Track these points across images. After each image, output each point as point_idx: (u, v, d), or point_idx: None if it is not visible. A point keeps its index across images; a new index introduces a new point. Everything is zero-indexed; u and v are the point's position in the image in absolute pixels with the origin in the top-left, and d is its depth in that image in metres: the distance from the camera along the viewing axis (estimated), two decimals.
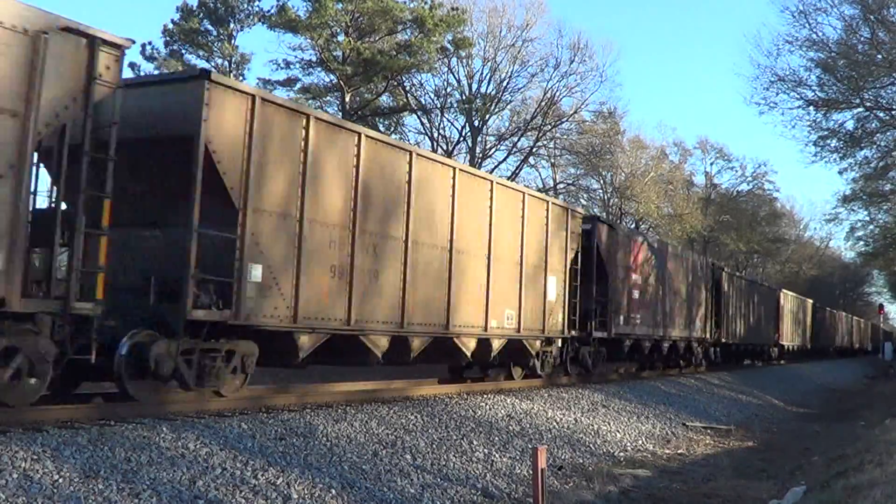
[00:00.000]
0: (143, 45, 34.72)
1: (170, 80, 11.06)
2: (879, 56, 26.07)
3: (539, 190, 44.07)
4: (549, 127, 41.89)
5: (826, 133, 29.97)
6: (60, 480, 6.46)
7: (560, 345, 17.52)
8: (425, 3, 33.22)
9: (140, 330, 8.84)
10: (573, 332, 17.79)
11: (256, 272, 9.71)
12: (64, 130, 7.80)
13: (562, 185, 47.73)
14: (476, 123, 40.52)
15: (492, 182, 15.00)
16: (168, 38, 34.85)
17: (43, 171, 8.22)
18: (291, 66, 35.65)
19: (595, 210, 48.60)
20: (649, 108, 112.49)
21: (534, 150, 43.05)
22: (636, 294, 21.37)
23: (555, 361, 17.45)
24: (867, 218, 44.70)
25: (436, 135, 40.97)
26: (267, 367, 11.30)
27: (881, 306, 74.32)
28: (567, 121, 42.72)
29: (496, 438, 11.36)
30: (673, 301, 24.57)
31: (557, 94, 40.92)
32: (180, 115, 9.09)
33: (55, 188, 8.00)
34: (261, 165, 9.78)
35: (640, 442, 14.20)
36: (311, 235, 10.55)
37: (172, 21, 34.80)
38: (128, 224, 9.25)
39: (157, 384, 9.30)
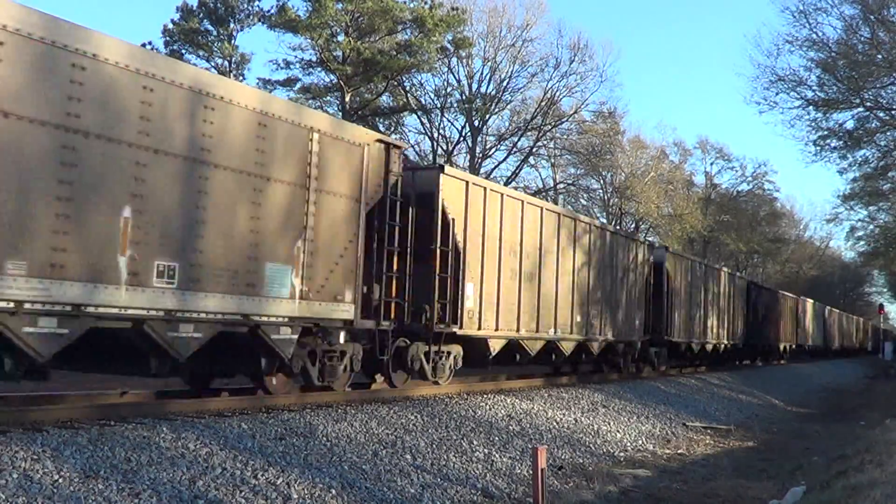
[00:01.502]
0: (143, 45, 34.69)
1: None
2: (879, 56, 26.08)
3: (538, 190, 44.09)
4: (549, 127, 41.93)
5: (826, 133, 30.01)
6: (60, 480, 6.46)
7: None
8: (425, 3, 33.24)
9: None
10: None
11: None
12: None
13: (562, 185, 47.77)
14: (476, 123, 40.55)
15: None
16: (168, 38, 34.90)
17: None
18: (291, 66, 35.70)
19: (595, 210, 48.64)
20: (649, 108, 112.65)
21: (534, 150, 43.10)
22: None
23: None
24: (867, 218, 44.71)
25: (436, 135, 41.04)
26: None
27: (881, 306, 74.27)
28: (567, 121, 42.79)
29: (496, 438, 11.36)
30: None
31: (557, 94, 41.01)
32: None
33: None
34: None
35: (640, 442, 14.20)
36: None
37: (172, 21, 34.85)
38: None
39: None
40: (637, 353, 22.01)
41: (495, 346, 14.58)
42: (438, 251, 12.97)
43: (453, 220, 13.38)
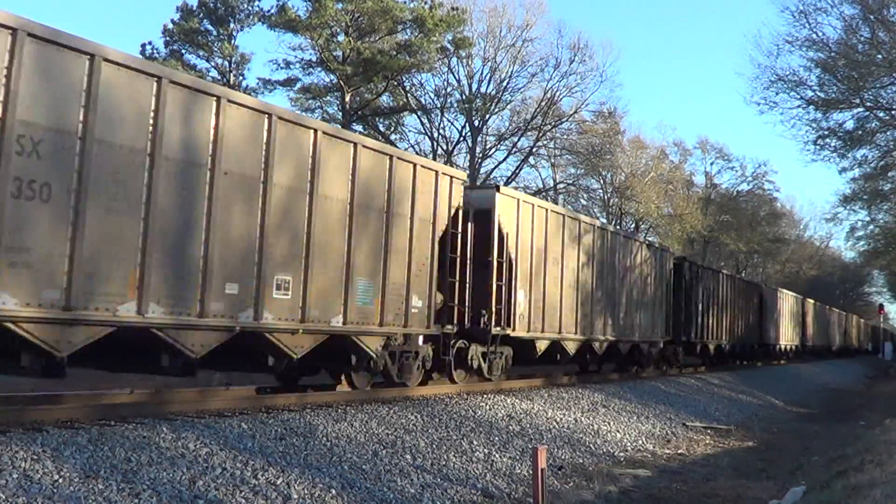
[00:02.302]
0: (143, 45, 34.75)
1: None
2: (879, 56, 26.06)
3: (538, 190, 44.09)
4: (549, 127, 41.93)
5: (826, 132, 29.95)
6: (60, 480, 6.46)
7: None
8: (425, 3, 33.24)
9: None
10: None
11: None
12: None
13: (562, 185, 47.77)
14: (476, 123, 40.55)
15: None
16: (168, 38, 34.89)
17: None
18: (291, 66, 35.69)
19: (595, 210, 48.62)
20: (649, 108, 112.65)
21: (534, 150, 43.10)
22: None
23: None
24: (867, 218, 44.65)
25: (436, 135, 41.04)
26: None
27: (881, 306, 74.30)
28: (567, 121, 42.79)
29: (496, 438, 11.36)
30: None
31: (557, 94, 41.01)
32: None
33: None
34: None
35: (640, 442, 14.20)
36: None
37: (172, 21, 34.84)
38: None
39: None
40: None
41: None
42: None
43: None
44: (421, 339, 13.12)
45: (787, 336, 42.41)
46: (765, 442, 16.46)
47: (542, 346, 16.44)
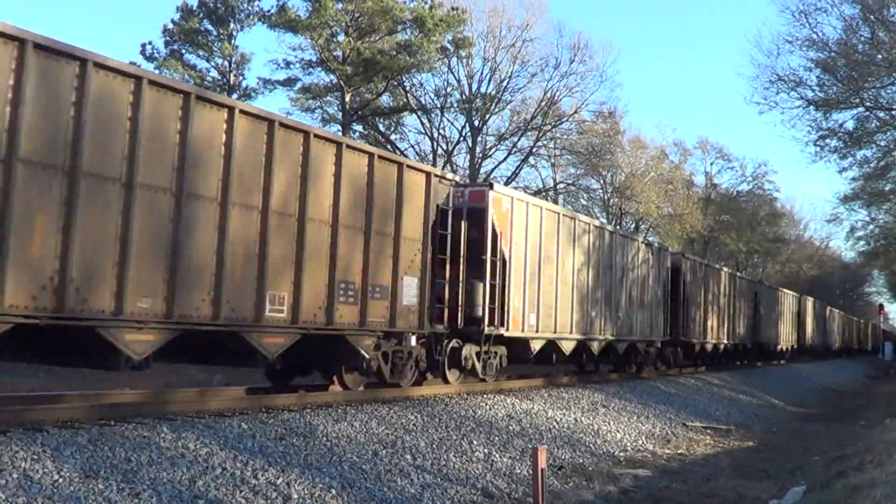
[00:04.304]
0: (143, 45, 34.67)
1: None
2: (879, 56, 26.06)
3: (539, 190, 44.08)
4: (549, 127, 41.88)
5: (826, 133, 29.95)
6: (60, 480, 6.46)
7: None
8: (425, 3, 33.20)
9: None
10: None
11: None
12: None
13: (562, 185, 47.75)
14: (476, 123, 40.52)
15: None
16: (168, 38, 34.80)
17: None
18: (291, 66, 35.62)
19: (595, 210, 48.61)
20: (649, 108, 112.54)
21: (534, 150, 43.06)
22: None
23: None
24: (867, 218, 44.66)
25: (436, 135, 41.00)
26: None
27: (881, 306, 74.34)
28: (567, 121, 42.73)
29: (496, 438, 11.36)
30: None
31: (557, 94, 40.95)
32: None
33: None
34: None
35: (640, 442, 14.20)
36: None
37: (172, 21, 34.75)
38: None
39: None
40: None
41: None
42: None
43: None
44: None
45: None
46: (765, 442, 16.46)
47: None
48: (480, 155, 40.97)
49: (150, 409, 9.22)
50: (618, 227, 35.35)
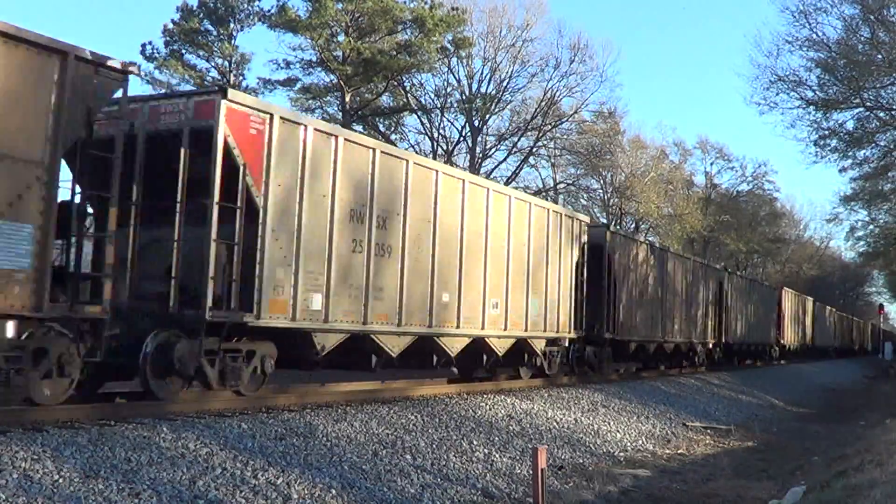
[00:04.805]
0: (143, 45, 34.69)
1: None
2: (879, 56, 26.05)
3: (539, 190, 44.07)
4: (549, 127, 41.88)
5: (826, 133, 29.96)
6: (60, 480, 6.46)
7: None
8: (425, 3, 33.21)
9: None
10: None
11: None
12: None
13: (562, 185, 47.75)
14: (476, 123, 40.51)
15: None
16: (168, 38, 34.82)
17: None
18: (291, 66, 35.64)
19: (595, 210, 48.62)
20: (649, 108, 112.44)
21: (534, 150, 43.06)
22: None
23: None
24: (867, 218, 44.69)
25: (436, 135, 41.00)
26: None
27: (881, 306, 74.27)
28: (567, 121, 42.74)
29: (496, 438, 11.36)
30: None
31: (557, 94, 40.94)
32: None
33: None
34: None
35: (640, 442, 14.20)
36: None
37: (172, 21, 34.79)
38: None
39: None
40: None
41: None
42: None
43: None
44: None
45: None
46: (765, 442, 16.46)
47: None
48: (480, 155, 40.97)
49: (150, 409, 9.21)
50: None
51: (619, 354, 21.05)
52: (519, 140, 41.88)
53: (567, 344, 17.86)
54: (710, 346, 25.41)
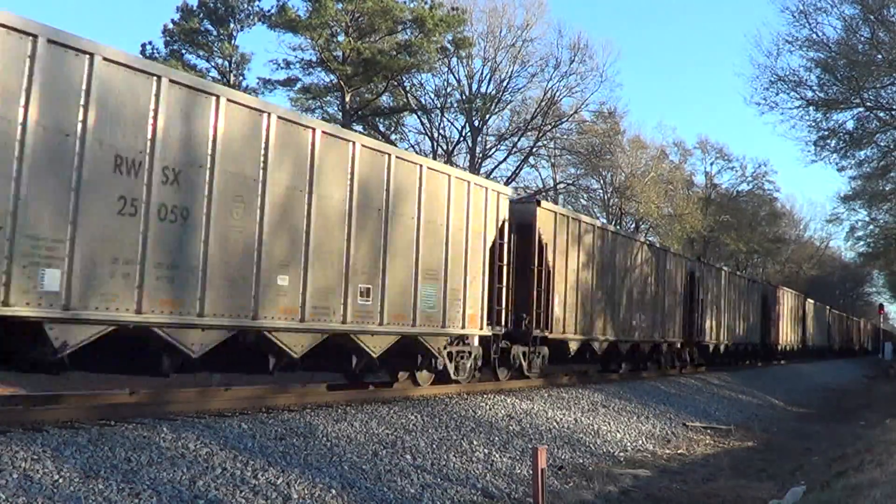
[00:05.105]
0: (143, 45, 34.75)
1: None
2: (879, 56, 26.05)
3: (539, 190, 44.07)
4: (549, 127, 41.90)
5: (826, 133, 29.94)
6: (60, 480, 6.46)
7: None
8: (425, 3, 33.23)
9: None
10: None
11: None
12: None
13: (562, 185, 47.76)
14: (476, 123, 40.52)
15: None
16: (168, 38, 34.88)
17: None
18: (291, 66, 35.68)
19: (595, 210, 48.62)
20: (649, 108, 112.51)
21: (534, 150, 43.08)
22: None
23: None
24: (867, 218, 44.67)
25: (436, 135, 41.01)
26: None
27: (881, 306, 74.23)
28: (567, 121, 42.76)
29: (496, 438, 11.36)
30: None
31: (557, 94, 40.97)
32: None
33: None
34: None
35: (640, 442, 14.20)
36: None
37: (172, 21, 34.85)
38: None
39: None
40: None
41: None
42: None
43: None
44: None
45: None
46: (765, 442, 16.46)
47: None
48: (480, 155, 40.98)
49: (150, 409, 9.22)
50: (619, 228, 35.12)
51: (559, 356, 17.93)
52: (519, 140, 41.94)
53: (476, 343, 14.56)
54: (679, 345, 25.21)
